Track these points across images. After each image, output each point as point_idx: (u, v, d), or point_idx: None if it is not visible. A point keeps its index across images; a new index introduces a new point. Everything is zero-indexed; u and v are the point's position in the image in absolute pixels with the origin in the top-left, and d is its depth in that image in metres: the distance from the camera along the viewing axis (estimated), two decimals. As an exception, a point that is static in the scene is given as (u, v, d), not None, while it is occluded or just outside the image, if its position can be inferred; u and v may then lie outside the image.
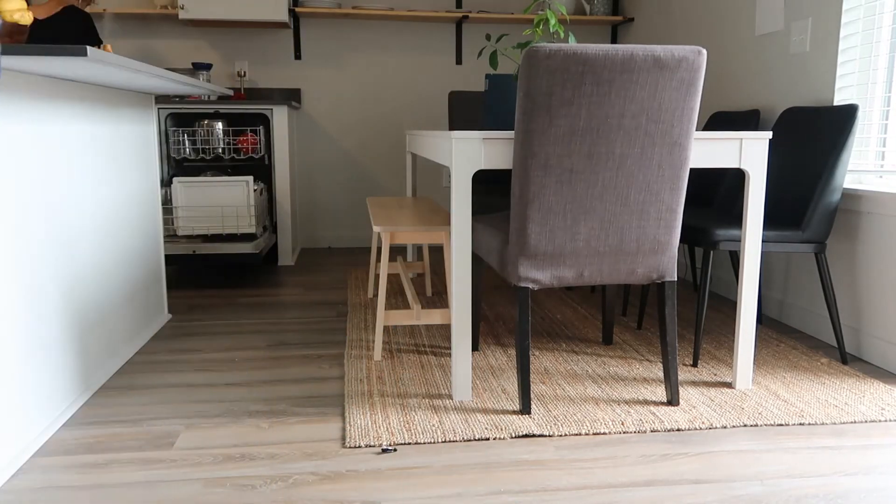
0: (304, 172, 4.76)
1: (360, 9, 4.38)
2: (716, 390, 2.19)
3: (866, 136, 2.63)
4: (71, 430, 1.91)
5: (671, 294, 2.04)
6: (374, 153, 4.80)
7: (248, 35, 4.57)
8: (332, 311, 3.15)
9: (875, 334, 2.48)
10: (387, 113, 4.76)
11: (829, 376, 2.33)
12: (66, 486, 1.61)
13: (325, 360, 2.49)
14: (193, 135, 3.86)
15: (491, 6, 4.72)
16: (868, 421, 1.98)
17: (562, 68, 1.79)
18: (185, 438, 1.85)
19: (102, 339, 2.27)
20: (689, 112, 1.89)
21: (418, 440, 1.83)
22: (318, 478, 1.65)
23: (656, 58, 1.81)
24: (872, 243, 2.49)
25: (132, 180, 2.59)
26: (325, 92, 4.69)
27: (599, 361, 2.46)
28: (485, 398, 2.11)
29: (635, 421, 1.95)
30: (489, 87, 2.38)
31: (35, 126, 1.84)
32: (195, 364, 2.44)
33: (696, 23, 3.76)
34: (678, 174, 1.94)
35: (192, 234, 3.53)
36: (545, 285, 1.99)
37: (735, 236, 2.39)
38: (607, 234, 1.96)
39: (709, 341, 2.70)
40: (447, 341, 2.68)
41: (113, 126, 2.41)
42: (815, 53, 2.81)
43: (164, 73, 2.06)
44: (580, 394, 2.16)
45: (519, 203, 1.92)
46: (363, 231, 4.88)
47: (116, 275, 2.41)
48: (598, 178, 1.90)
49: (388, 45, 4.69)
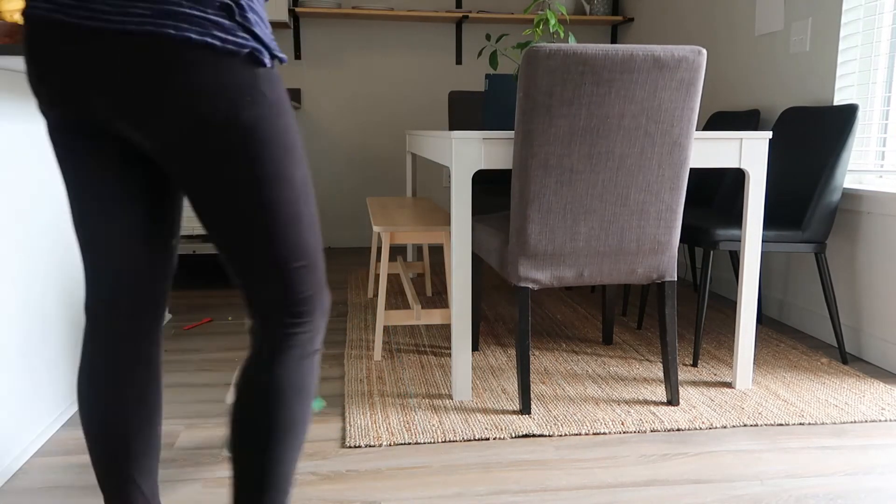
0: (304, 172, 4.75)
1: (360, 9, 4.38)
2: (716, 390, 2.19)
3: (866, 136, 2.63)
4: (71, 430, 1.91)
5: (671, 294, 2.04)
6: (374, 153, 4.80)
7: (248, 35, 4.56)
8: (332, 311, 3.15)
9: (875, 334, 2.48)
10: (387, 113, 4.76)
11: (830, 376, 2.33)
12: (66, 486, 1.61)
13: (325, 360, 2.49)
14: None
15: (491, 6, 4.72)
16: (868, 421, 1.98)
17: (562, 68, 1.79)
18: (185, 438, 1.85)
19: (102, 339, 2.27)
20: (689, 112, 1.89)
21: (418, 440, 1.83)
22: (318, 478, 1.65)
23: (656, 58, 1.81)
24: (872, 243, 2.49)
25: (132, 180, 2.59)
26: (325, 92, 4.69)
27: (599, 361, 2.46)
28: (485, 398, 2.11)
29: (635, 421, 1.95)
30: (489, 87, 2.38)
31: (35, 126, 1.84)
32: (195, 364, 2.44)
33: (696, 23, 3.76)
34: (678, 174, 1.94)
35: (192, 234, 3.53)
36: (545, 285, 1.99)
37: (735, 236, 2.39)
38: (607, 234, 1.96)
39: (709, 341, 2.70)
40: (447, 341, 2.68)
41: (113, 126, 2.40)
42: (814, 53, 2.81)
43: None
44: (580, 394, 2.16)
45: (519, 203, 1.92)
46: (363, 231, 4.88)
47: (116, 275, 2.41)
48: (598, 178, 1.90)
49: (388, 45, 4.69)
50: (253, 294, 1.04)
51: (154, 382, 1.15)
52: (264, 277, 1.02)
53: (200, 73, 0.92)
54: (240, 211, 0.98)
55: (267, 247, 1.01)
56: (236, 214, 0.98)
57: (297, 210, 1.03)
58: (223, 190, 0.97)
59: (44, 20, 0.93)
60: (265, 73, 0.97)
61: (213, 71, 0.92)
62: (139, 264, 1.09)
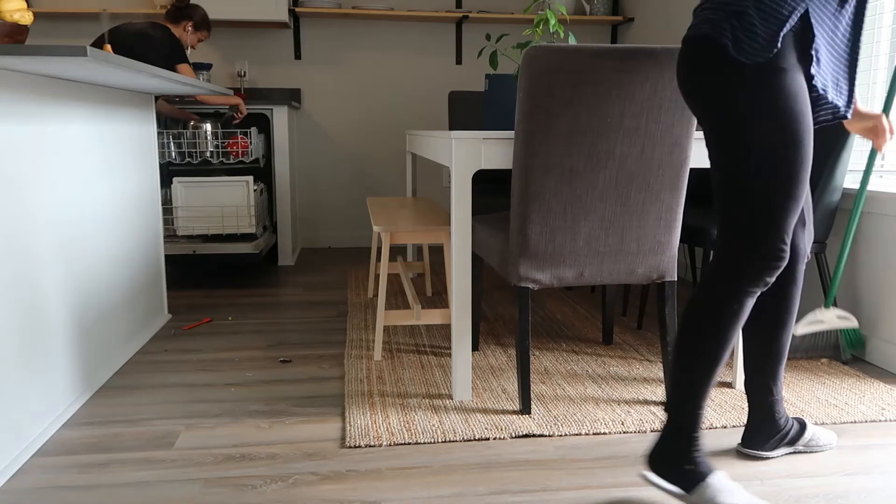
0: (304, 172, 4.76)
1: (360, 9, 4.38)
2: (716, 390, 2.19)
3: (866, 136, 2.63)
4: (71, 430, 1.91)
5: (671, 294, 2.05)
6: (374, 153, 4.80)
7: (248, 35, 4.57)
8: (332, 311, 3.15)
9: (875, 334, 2.48)
10: (387, 113, 4.76)
11: (829, 376, 2.33)
12: (66, 486, 1.61)
13: (325, 360, 2.49)
14: (179, 137, 3.70)
15: (491, 6, 4.72)
16: (868, 421, 1.98)
17: (562, 68, 1.79)
18: (185, 438, 1.85)
19: (102, 339, 2.27)
20: (689, 112, 1.89)
21: (418, 440, 1.83)
22: (318, 478, 1.65)
23: (656, 58, 1.81)
24: (872, 243, 2.49)
25: (132, 180, 2.59)
26: (325, 92, 4.69)
27: (599, 361, 2.46)
28: (485, 398, 2.11)
29: (635, 421, 1.95)
30: (489, 87, 2.38)
31: (35, 126, 1.84)
32: (195, 364, 2.44)
33: (696, 23, 3.76)
34: (678, 174, 1.94)
35: (192, 234, 3.53)
36: (545, 285, 1.99)
37: (735, 236, 2.38)
38: (607, 234, 1.96)
39: (709, 341, 2.69)
40: (447, 341, 2.68)
41: (113, 126, 2.41)
42: (815, 53, 2.80)
43: (164, 72, 2.06)
44: (580, 394, 2.16)
45: (519, 203, 1.92)
46: (363, 231, 4.88)
47: (116, 275, 2.41)
48: (599, 178, 1.90)
49: (388, 45, 4.70)
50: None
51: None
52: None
53: None
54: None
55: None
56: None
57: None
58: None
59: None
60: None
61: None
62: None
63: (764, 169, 1.40)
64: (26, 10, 1.75)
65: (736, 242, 1.45)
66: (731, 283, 1.46)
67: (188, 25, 3.52)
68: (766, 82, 1.38)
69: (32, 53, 1.48)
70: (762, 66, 1.38)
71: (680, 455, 1.50)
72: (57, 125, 1.98)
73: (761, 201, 1.41)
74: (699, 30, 1.44)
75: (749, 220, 1.43)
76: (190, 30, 3.53)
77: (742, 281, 1.45)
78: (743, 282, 1.45)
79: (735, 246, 1.45)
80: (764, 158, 1.39)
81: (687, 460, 1.49)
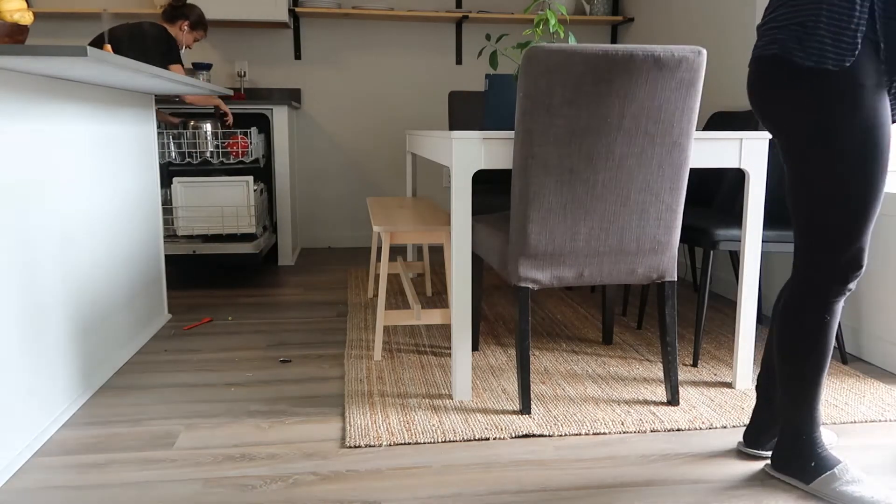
0: (304, 172, 4.76)
1: (360, 9, 4.38)
2: (716, 390, 2.19)
3: (866, 136, 2.63)
4: (71, 430, 1.91)
5: (671, 294, 2.05)
6: (374, 153, 4.80)
7: (248, 35, 4.57)
8: (332, 311, 3.15)
9: (875, 334, 2.48)
10: (387, 113, 4.76)
11: (830, 376, 2.33)
12: (66, 486, 1.61)
13: (325, 360, 2.49)
14: (179, 137, 3.69)
15: (491, 6, 4.72)
16: (868, 421, 1.98)
17: (562, 68, 1.79)
18: (185, 438, 1.85)
19: (102, 339, 2.27)
20: (689, 112, 1.89)
21: (418, 440, 1.83)
22: (318, 478, 1.65)
23: (656, 58, 1.81)
24: (872, 243, 2.49)
25: (132, 180, 2.59)
26: (325, 92, 4.69)
27: (599, 361, 2.46)
28: (485, 398, 2.11)
29: (635, 421, 1.96)
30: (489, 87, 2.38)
31: (35, 126, 1.84)
32: (195, 364, 2.44)
33: (696, 23, 3.76)
34: (678, 174, 1.94)
35: (192, 234, 3.53)
36: (545, 285, 1.99)
37: (735, 236, 2.38)
38: (607, 234, 1.96)
39: (709, 341, 2.70)
40: (447, 341, 2.68)
41: (113, 126, 2.41)
42: (815, 53, 2.80)
43: (164, 72, 2.06)
44: (580, 394, 2.16)
45: (519, 203, 1.92)
46: (363, 231, 4.88)
47: (116, 275, 2.41)
48: (598, 178, 1.90)
49: (388, 45, 4.70)
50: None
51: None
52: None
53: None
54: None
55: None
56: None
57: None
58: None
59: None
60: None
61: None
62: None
63: (851, 181, 1.44)
64: (26, 10, 1.75)
65: (820, 257, 1.51)
66: (819, 298, 1.53)
67: (184, 25, 3.52)
68: (847, 94, 1.42)
69: (32, 53, 1.48)
70: (842, 78, 1.41)
71: (802, 455, 1.59)
72: (57, 125, 1.98)
73: (847, 213, 1.46)
74: (767, 49, 1.49)
75: (834, 233, 1.48)
76: (186, 29, 3.53)
77: (830, 293, 1.52)
78: (832, 293, 1.52)
79: (820, 260, 1.52)
80: (850, 168, 1.43)
81: (812, 458, 1.58)
